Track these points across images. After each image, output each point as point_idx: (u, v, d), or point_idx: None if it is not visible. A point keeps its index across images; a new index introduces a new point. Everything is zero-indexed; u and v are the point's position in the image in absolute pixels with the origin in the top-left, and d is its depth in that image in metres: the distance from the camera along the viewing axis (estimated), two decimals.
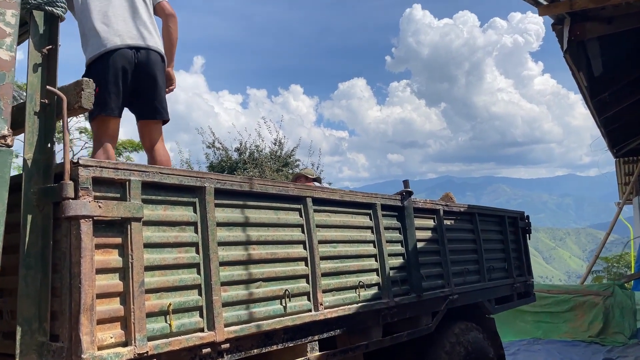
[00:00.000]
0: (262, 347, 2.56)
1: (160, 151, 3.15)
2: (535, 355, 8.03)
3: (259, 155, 14.54)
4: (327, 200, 3.15)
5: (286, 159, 14.88)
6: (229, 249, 2.47)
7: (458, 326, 4.33)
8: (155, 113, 3.13)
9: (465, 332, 4.33)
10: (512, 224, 5.66)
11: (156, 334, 2.08)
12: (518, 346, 8.61)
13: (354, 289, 3.21)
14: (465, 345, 4.24)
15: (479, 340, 4.44)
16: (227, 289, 2.42)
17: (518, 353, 8.23)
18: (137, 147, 17.35)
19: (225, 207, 2.51)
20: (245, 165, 13.91)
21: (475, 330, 4.47)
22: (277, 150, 14.93)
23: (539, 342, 8.77)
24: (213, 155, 14.88)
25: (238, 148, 14.78)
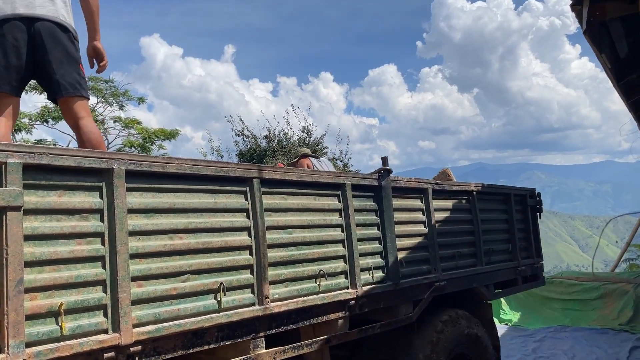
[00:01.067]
0: (189, 348, 2.29)
1: (85, 128, 2.85)
2: (561, 343, 7.82)
3: (287, 142, 14.52)
4: (281, 181, 2.82)
5: (314, 146, 14.78)
6: (147, 238, 2.18)
7: (447, 314, 3.99)
8: (60, 89, 2.82)
9: (455, 321, 3.99)
10: (520, 202, 5.21)
11: (42, 338, 1.82)
12: (545, 333, 8.42)
13: (313, 279, 2.90)
14: (454, 335, 3.90)
15: (471, 330, 4.09)
16: (143, 284, 2.14)
17: (544, 340, 8.04)
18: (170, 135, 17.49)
19: (143, 191, 2.21)
20: (273, 153, 13.84)
21: (466, 318, 4.12)
22: (305, 138, 14.88)
23: (567, 329, 8.55)
24: (242, 143, 15.01)
25: (267, 136, 14.80)
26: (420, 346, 3.67)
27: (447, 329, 3.86)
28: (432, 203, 3.89)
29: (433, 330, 3.79)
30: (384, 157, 3.57)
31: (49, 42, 2.78)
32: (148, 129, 17.94)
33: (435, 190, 3.98)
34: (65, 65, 2.85)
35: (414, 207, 3.80)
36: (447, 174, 4.84)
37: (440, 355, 3.74)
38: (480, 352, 4.17)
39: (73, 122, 2.93)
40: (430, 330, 3.77)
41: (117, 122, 17.83)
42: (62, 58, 2.83)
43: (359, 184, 3.31)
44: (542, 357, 7.25)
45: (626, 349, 7.23)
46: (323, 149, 15.15)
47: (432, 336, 3.75)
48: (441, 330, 3.82)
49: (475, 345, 4.13)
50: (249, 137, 14.94)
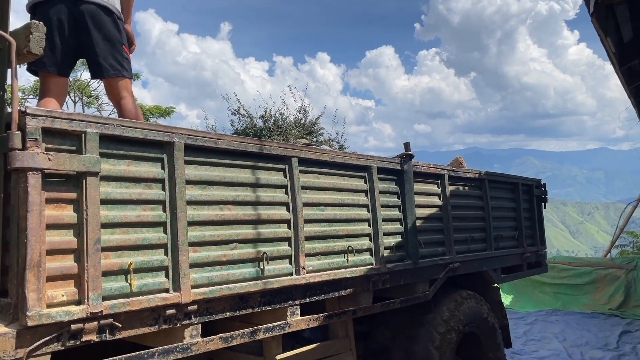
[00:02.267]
0: (236, 311, 2.47)
1: (125, 107, 2.99)
2: (552, 326, 7.97)
3: (284, 122, 14.52)
4: (315, 161, 3.00)
5: (310, 127, 14.82)
6: (201, 208, 2.36)
7: (459, 295, 4.20)
8: (101, 71, 2.94)
9: (467, 300, 4.20)
10: (527, 191, 5.42)
11: (114, 293, 2.00)
12: (536, 316, 8.58)
13: (342, 254, 3.09)
14: (465, 314, 4.11)
15: (480, 311, 4.30)
16: (198, 250, 2.32)
17: (536, 323, 8.19)
18: (165, 113, 17.48)
19: (198, 164, 2.38)
20: (269, 133, 13.91)
21: (477, 299, 4.33)
22: (301, 118, 14.88)
23: (558, 313, 8.73)
24: (238, 122, 14.97)
25: (263, 115, 14.79)
26: (434, 323, 3.87)
27: (459, 308, 4.07)
28: (448, 188, 4.09)
29: (446, 309, 3.99)
30: (406, 142, 3.75)
31: (92, 25, 2.89)
32: (143, 105, 17.88)
33: (451, 177, 4.17)
34: (108, 47, 2.96)
35: (431, 191, 3.99)
36: (460, 162, 5.03)
37: (452, 332, 3.94)
38: (489, 332, 4.39)
39: (115, 101, 3.07)
40: (444, 309, 3.98)
41: None
42: (104, 40, 2.93)
43: (383, 167, 3.49)
44: (533, 339, 7.35)
45: (616, 333, 7.35)
46: (319, 130, 15.13)
47: (445, 314, 3.95)
48: (454, 309, 4.03)
49: (485, 325, 4.35)
50: (245, 116, 14.82)
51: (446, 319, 3.95)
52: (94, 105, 17.44)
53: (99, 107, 17.54)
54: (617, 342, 6.99)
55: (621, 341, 7.05)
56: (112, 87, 3.04)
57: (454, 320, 4.00)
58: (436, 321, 3.90)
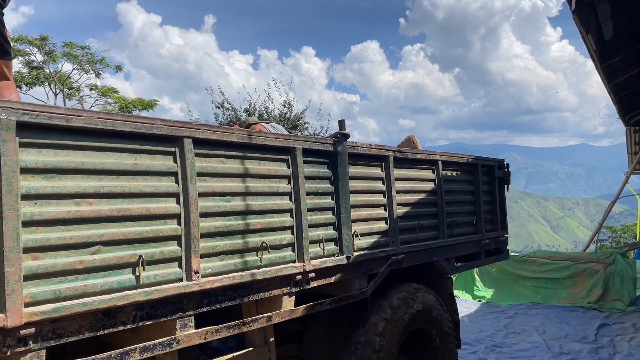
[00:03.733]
0: (99, 330, 2.00)
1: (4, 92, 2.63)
2: (532, 319, 8.00)
3: (268, 116, 14.21)
4: (219, 143, 2.50)
5: (295, 121, 14.61)
6: (46, 203, 1.85)
7: (404, 289, 3.78)
8: None
9: (412, 295, 3.79)
10: (487, 172, 5.01)
11: None
12: (516, 310, 8.63)
13: (254, 252, 2.63)
14: (410, 311, 3.71)
15: (429, 305, 3.90)
16: (40, 257, 1.82)
17: (516, 317, 8.23)
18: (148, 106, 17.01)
19: (42, 147, 1.87)
20: None
21: (424, 293, 3.92)
22: (286, 112, 14.64)
23: (537, 306, 8.77)
24: (222, 116, 14.67)
25: (247, 109, 14.48)
26: (374, 322, 3.46)
27: (404, 305, 3.66)
28: (393, 172, 3.63)
29: (389, 305, 3.58)
30: (340, 120, 3.27)
31: None
32: (125, 98, 17.46)
33: (397, 159, 3.72)
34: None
35: (373, 175, 3.53)
36: (413, 142, 4.58)
37: (396, 331, 3.55)
38: (438, 328, 4.00)
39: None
40: (386, 306, 3.57)
41: (94, 90, 17.32)
42: None
43: (311, 149, 3.02)
44: (514, 332, 7.35)
45: (594, 326, 7.36)
46: (304, 124, 15.00)
47: (388, 312, 3.54)
48: (397, 305, 3.62)
49: (434, 321, 3.96)
50: (229, 110, 14.61)
51: (389, 316, 3.55)
52: (75, 97, 16.99)
53: (80, 100, 17.01)
54: (595, 335, 7.01)
55: (599, 334, 7.07)
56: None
57: (397, 317, 3.59)
58: (377, 319, 3.49)
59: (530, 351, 6.43)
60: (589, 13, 4.73)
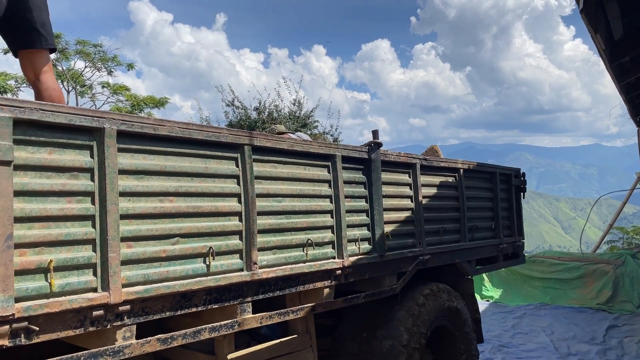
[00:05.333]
0: (177, 310, 2.31)
1: (47, 83, 2.70)
2: (540, 320, 8.03)
3: (278, 115, 14.38)
4: (272, 150, 2.82)
5: (305, 120, 14.71)
6: (137, 200, 2.18)
7: (430, 287, 4.07)
8: (39, 40, 2.65)
9: (437, 294, 4.07)
10: (505, 181, 5.29)
11: (31, 294, 1.82)
12: (525, 310, 8.65)
13: (301, 247, 2.93)
14: (435, 308, 3.98)
15: (452, 303, 4.18)
16: (133, 245, 2.14)
17: (524, 317, 8.25)
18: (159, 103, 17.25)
19: (135, 152, 2.20)
20: (264, 125, 13.75)
21: (448, 292, 4.20)
22: (296, 111, 14.76)
23: (546, 307, 8.80)
24: (232, 114, 14.84)
25: (257, 107, 14.63)
26: (402, 318, 3.74)
27: (429, 302, 3.94)
28: (419, 178, 3.93)
29: (415, 302, 3.86)
30: (374, 130, 3.58)
31: None
32: (137, 95, 17.66)
33: (423, 166, 4.01)
34: (45, 14, 2.67)
35: (401, 181, 3.83)
36: (435, 151, 4.88)
37: (421, 327, 3.82)
38: (461, 325, 4.27)
39: (35, 75, 2.73)
40: (413, 303, 3.85)
41: (106, 87, 17.53)
42: (42, 6, 2.65)
43: (349, 156, 3.32)
44: (521, 332, 7.41)
45: (603, 328, 7.41)
46: (314, 122, 15.08)
47: (414, 308, 3.82)
48: (423, 303, 3.90)
49: (456, 319, 4.23)
50: (239, 108, 14.74)
51: (415, 312, 3.83)
52: (87, 94, 17.23)
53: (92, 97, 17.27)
54: (603, 337, 7.05)
55: (608, 335, 7.12)
56: (37, 60, 2.70)
57: (423, 313, 3.87)
58: (404, 315, 3.77)
59: (538, 352, 6.49)
60: (598, 12, 4.76)
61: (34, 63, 2.72)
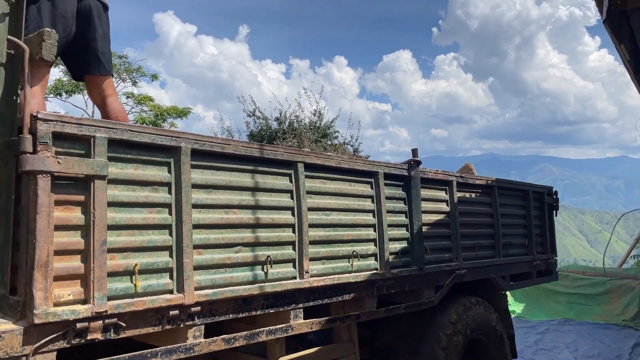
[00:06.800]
0: (239, 313, 2.52)
1: (113, 105, 2.98)
2: (564, 336, 7.90)
3: (299, 125, 14.62)
4: (321, 167, 3.03)
5: (325, 130, 14.90)
6: (207, 211, 2.41)
7: (466, 301, 4.19)
8: (99, 66, 2.93)
9: (473, 307, 4.19)
10: (538, 199, 5.39)
11: (119, 293, 2.06)
12: (548, 325, 8.50)
13: (346, 259, 3.12)
14: (471, 321, 4.11)
15: (487, 317, 4.29)
16: (202, 252, 2.37)
17: (547, 332, 8.12)
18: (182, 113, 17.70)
19: (204, 168, 2.43)
20: (284, 135, 13.98)
21: (484, 306, 4.32)
22: (316, 121, 14.96)
23: (570, 322, 8.65)
24: (253, 124, 15.11)
25: (278, 118, 14.90)
26: (440, 330, 3.87)
27: (466, 315, 4.07)
28: (456, 195, 4.09)
29: (452, 315, 3.99)
30: (414, 148, 3.77)
31: (96, 19, 2.89)
32: (160, 106, 18.06)
33: (460, 183, 4.18)
34: (107, 44, 2.98)
35: (439, 198, 4.00)
36: (470, 169, 5.03)
37: (459, 339, 3.94)
38: (495, 339, 4.37)
39: (101, 99, 3.03)
40: (450, 315, 3.98)
41: (130, 98, 17.97)
42: (105, 36, 2.95)
43: (390, 173, 3.51)
44: (544, 349, 7.30)
45: (629, 345, 7.28)
46: (334, 133, 15.20)
47: (453, 318, 3.95)
48: (460, 315, 4.03)
49: (491, 332, 4.34)
50: (260, 118, 14.97)
51: (453, 322, 3.96)
52: None
53: None
54: (629, 354, 6.93)
55: (634, 353, 6.99)
56: (102, 85, 3.02)
57: (461, 324, 4.00)
58: (443, 324, 3.90)
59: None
60: (622, 22, 4.80)
61: (99, 87, 3.04)
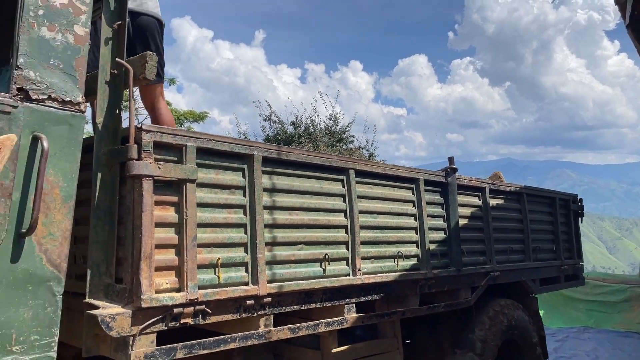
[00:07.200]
0: (302, 305, 2.77)
1: (162, 110, 3.28)
2: (584, 344, 7.91)
3: (314, 129, 14.79)
4: (369, 173, 3.29)
5: (340, 135, 15.04)
6: (274, 212, 2.67)
7: (499, 302, 4.40)
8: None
9: (506, 309, 4.39)
10: (564, 206, 5.59)
11: (205, 283, 2.32)
12: (567, 333, 8.49)
13: (392, 259, 3.36)
14: (505, 321, 4.30)
15: (520, 318, 4.49)
16: (271, 249, 2.63)
17: (566, 340, 8.13)
18: (198, 118, 18.09)
19: (272, 174, 2.70)
20: (300, 139, 14.18)
21: (516, 308, 4.52)
22: (332, 126, 15.11)
23: (590, 330, 8.65)
24: (269, 129, 15.32)
25: (294, 122, 15.10)
26: (476, 329, 4.08)
27: (500, 316, 4.27)
28: (488, 201, 4.32)
29: (486, 315, 4.20)
30: (450, 157, 4.01)
31: (150, 36, 3.22)
32: (177, 110, 18.45)
33: (492, 190, 4.40)
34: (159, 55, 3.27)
35: (473, 203, 4.23)
36: (499, 177, 5.24)
37: (494, 339, 4.14)
38: (527, 340, 4.56)
39: (150, 104, 3.33)
40: (484, 316, 4.19)
41: None
42: (158, 48, 3.26)
43: (429, 180, 3.76)
44: (564, 357, 7.34)
45: None
46: (349, 137, 15.32)
47: (487, 320, 4.16)
48: (494, 316, 4.23)
49: (523, 333, 4.52)
50: (276, 123, 15.15)
51: (488, 324, 4.16)
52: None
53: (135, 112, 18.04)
54: None
55: None
56: (153, 93, 3.32)
57: (495, 326, 4.20)
58: (478, 326, 4.11)
59: None
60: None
61: (151, 93, 3.34)
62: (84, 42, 2.04)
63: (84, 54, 2.04)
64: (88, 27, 2.06)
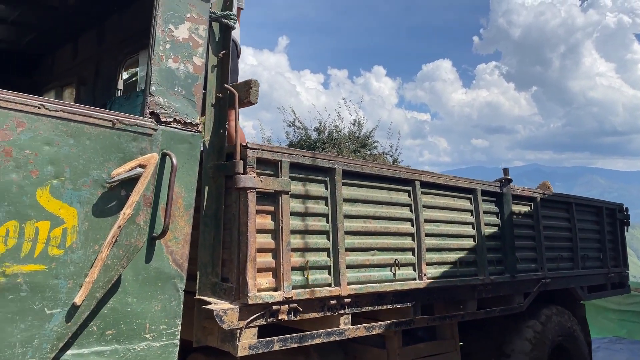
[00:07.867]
0: (375, 306, 3.02)
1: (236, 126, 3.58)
2: (616, 355, 7.83)
3: (338, 135, 14.71)
4: (432, 184, 3.52)
5: (364, 140, 14.94)
6: (351, 220, 2.93)
7: (550, 308, 4.56)
8: None
9: (556, 315, 4.55)
10: (610, 215, 5.70)
11: (297, 284, 2.59)
12: (599, 343, 8.35)
13: (453, 264, 3.58)
14: (556, 327, 4.46)
15: (569, 324, 4.63)
16: (349, 254, 2.89)
17: (598, 350, 7.98)
18: None
19: (349, 185, 2.96)
20: (323, 145, 14.10)
21: (565, 314, 4.67)
22: (355, 131, 15.00)
23: (622, 341, 8.54)
24: (293, 134, 15.18)
25: (317, 128, 14.97)
26: (528, 333, 4.26)
27: (551, 321, 4.43)
28: (539, 210, 4.49)
29: (538, 320, 4.37)
30: (505, 167, 4.21)
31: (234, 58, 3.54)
32: None
33: (542, 199, 4.57)
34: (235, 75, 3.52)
35: (525, 212, 4.40)
36: (548, 186, 5.39)
37: (545, 342, 4.31)
38: (576, 345, 4.70)
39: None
40: (536, 320, 4.36)
41: None
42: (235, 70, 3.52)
43: (486, 190, 3.96)
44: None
45: None
46: (373, 142, 15.20)
47: (538, 324, 4.33)
48: (545, 321, 4.40)
49: (572, 339, 4.67)
50: (300, 128, 15.03)
51: (540, 329, 4.33)
52: None
53: None
54: None
55: None
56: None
57: (547, 331, 4.36)
58: (531, 330, 4.28)
59: None
60: None
61: None
62: (200, 71, 2.34)
63: (201, 81, 2.34)
64: (204, 57, 2.36)
